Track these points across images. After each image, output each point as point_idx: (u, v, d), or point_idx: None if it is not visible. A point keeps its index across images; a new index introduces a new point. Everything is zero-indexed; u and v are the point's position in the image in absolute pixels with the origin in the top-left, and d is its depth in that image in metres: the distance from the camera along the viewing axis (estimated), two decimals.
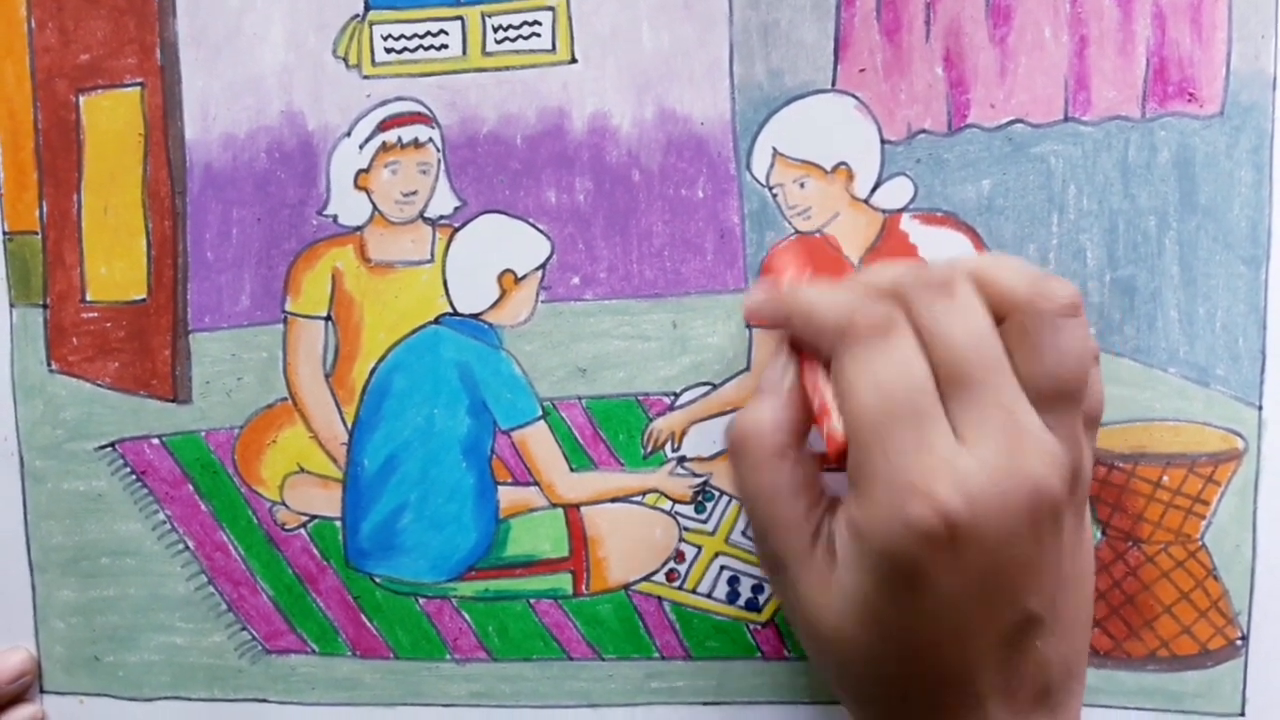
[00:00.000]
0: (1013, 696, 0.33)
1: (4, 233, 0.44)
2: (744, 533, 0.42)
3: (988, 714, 0.32)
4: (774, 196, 0.40)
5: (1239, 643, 0.39)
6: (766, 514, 0.34)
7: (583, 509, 0.42)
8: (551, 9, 0.41)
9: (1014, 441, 0.31)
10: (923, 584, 0.31)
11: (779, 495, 0.34)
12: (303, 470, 0.43)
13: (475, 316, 0.42)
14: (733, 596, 0.42)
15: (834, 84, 0.40)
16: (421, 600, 0.43)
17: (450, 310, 0.42)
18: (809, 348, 0.35)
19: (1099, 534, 0.40)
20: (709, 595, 0.42)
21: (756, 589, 0.42)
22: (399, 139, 0.42)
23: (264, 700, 0.44)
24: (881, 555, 0.31)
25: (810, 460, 0.35)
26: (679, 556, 0.42)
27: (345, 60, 0.42)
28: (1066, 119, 0.39)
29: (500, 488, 0.42)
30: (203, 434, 0.44)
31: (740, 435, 0.35)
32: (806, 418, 0.35)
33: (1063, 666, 0.34)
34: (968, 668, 0.32)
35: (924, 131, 0.40)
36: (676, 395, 0.41)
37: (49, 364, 0.44)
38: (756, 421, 0.35)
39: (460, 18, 0.41)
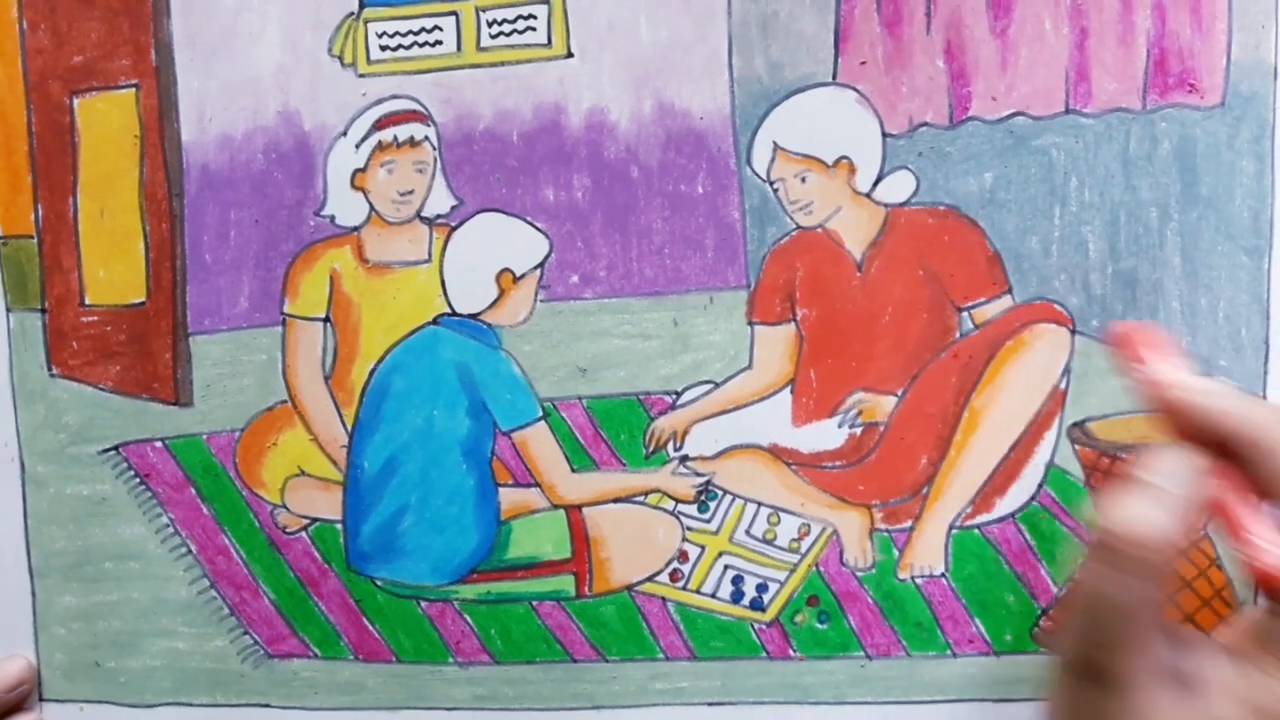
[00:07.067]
0: None
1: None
2: (748, 531, 0.41)
3: None
4: (775, 191, 0.40)
5: None
6: (1125, 629, 0.30)
7: (585, 510, 0.42)
8: (547, 2, 0.41)
9: None
10: None
11: (1149, 612, 0.30)
12: (303, 473, 0.43)
13: (474, 316, 0.42)
14: (737, 596, 0.42)
15: (834, 77, 0.40)
16: (423, 603, 0.43)
17: (449, 310, 0.42)
18: (1240, 473, 0.31)
19: None
20: (713, 595, 0.42)
21: (760, 588, 0.42)
22: (395, 137, 0.41)
23: (266, 705, 0.44)
24: None
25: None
26: (682, 556, 0.42)
27: (341, 59, 0.42)
28: (1068, 111, 0.39)
29: (501, 489, 0.42)
30: (204, 437, 0.43)
31: (1127, 539, 0.30)
32: (1191, 532, 0.32)
33: None
34: None
35: (925, 124, 0.39)
36: (678, 394, 0.41)
37: (49, 368, 0.44)
38: (1148, 530, 0.30)
39: (454, 13, 0.41)
